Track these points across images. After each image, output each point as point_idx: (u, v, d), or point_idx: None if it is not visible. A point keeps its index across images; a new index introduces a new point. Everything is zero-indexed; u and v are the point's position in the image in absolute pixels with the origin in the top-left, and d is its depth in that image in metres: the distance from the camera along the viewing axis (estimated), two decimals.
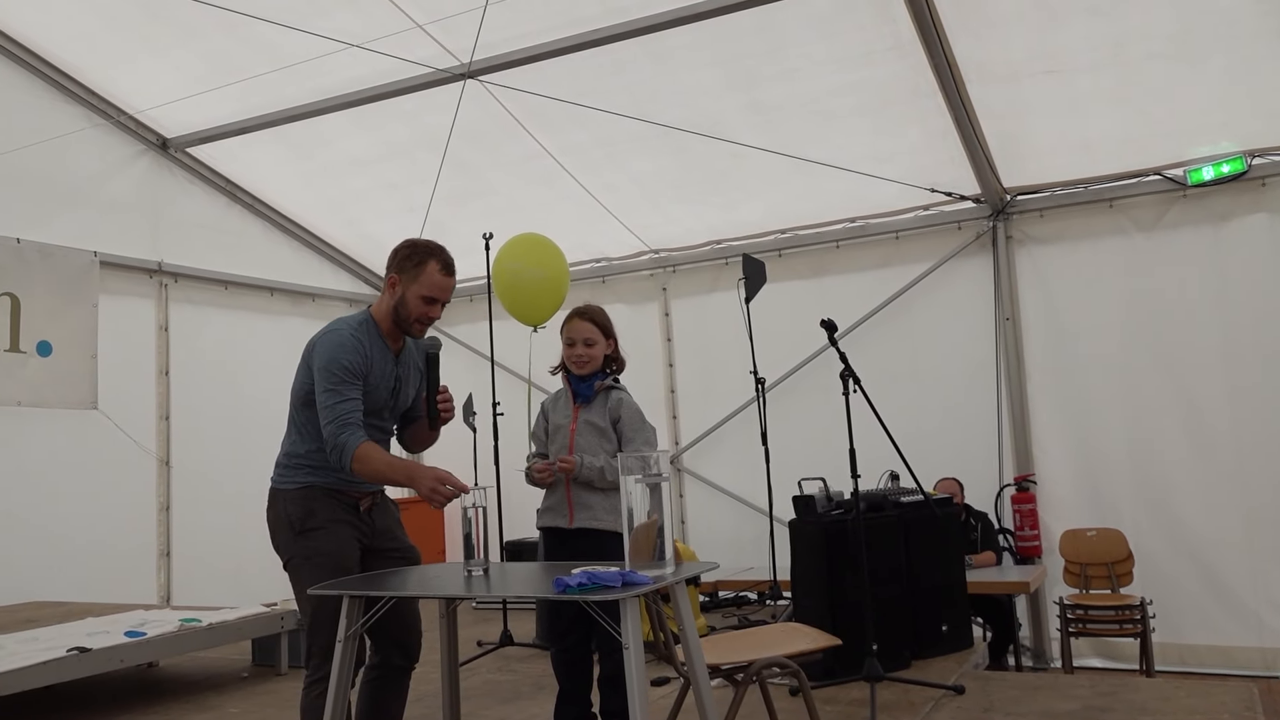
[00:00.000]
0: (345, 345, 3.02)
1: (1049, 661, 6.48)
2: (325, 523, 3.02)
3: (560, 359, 3.87)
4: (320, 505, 3.03)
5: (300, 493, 3.04)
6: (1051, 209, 6.75)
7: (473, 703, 4.52)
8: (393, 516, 3.28)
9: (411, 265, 3.11)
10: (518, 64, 6.05)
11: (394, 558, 3.20)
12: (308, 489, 3.04)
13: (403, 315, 3.11)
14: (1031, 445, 6.73)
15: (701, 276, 8.00)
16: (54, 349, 6.36)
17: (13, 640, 4.62)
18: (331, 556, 2.99)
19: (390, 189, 7.57)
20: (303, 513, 3.03)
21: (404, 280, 3.10)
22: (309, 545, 3.01)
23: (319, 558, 2.98)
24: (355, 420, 2.96)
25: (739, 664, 2.92)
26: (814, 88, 6.06)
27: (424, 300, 3.10)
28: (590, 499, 3.63)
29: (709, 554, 6.91)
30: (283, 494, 3.09)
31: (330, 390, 2.97)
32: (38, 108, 6.51)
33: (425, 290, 3.10)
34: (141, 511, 6.92)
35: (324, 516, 3.02)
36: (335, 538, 3.03)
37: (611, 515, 3.57)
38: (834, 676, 4.35)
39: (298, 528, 3.03)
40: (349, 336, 3.05)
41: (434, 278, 3.11)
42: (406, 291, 3.10)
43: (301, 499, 3.04)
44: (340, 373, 2.98)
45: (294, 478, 3.07)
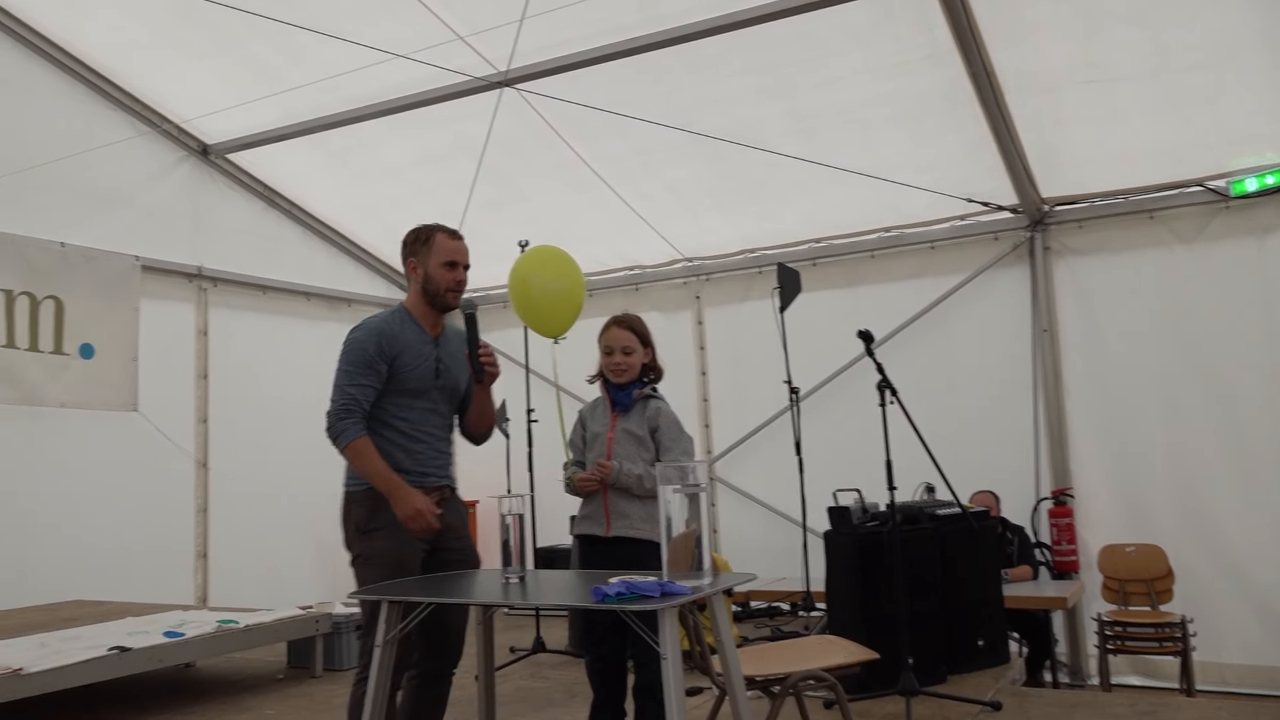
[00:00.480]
0: (368, 330, 3.17)
1: (1086, 679, 6.39)
2: (387, 523, 3.07)
3: (598, 367, 3.88)
4: (384, 504, 3.08)
5: (366, 493, 3.11)
6: (1091, 220, 6.68)
7: (506, 709, 4.52)
8: (460, 515, 3.34)
9: (421, 244, 3.29)
10: (554, 72, 6.08)
11: (455, 561, 3.23)
12: (373, 489, 3.10)
13: (432, 290, 3.26)
14: (1069, 459, 6.65)
15: (735, 285, 7.98)
16: (96, 352, 6.45)
17: (55, 638, 4.69)
18: (391, 557, 3.03)
19: (426, 196, 7.62)
20: (367, 513, 3.10)
21: (420, 259, 3.28)
22: (370, 545, 3.08)
23: (379, 558, 3.04)
24: (359, 408, 3.08)
25: (775, 676, 2.91)
26: (851, 96, 6.04)
27: (445, 266, 3.25)
28: (627, 507, 3.62)
29: (741, 563, 6.89)
30: (350, 495, 3.16)
31: (344, 371, 3.12)
32: (83, 115, 6.62)
33: (442, 257, 3.26)
34: (179, 513, 7.00)
35: (386, 517, 3.07)
36: (396, 538, 3.07)
37: (648, 524, 3.57)
38: (868, 690, 4.32)
39: (362, 528, 3.10)
40: (374, 323, 3.20)
41: (445, 244, 3.28)
42: (427, 267, 3.26)
43: (366, 499, 3.10)
44: (357, 355, 3.12)
45: (360, 479, 3.14)
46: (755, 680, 2.92)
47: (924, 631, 4.54)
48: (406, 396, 3.18)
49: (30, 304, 6.12)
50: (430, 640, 3.13)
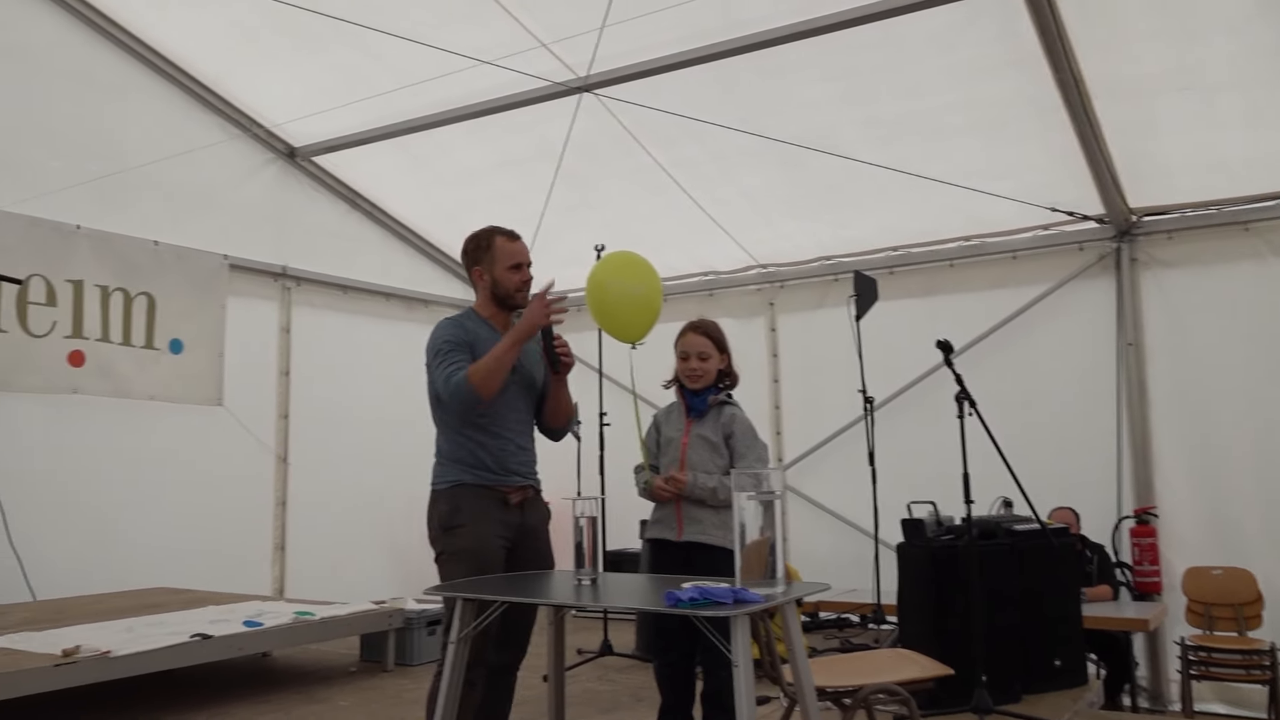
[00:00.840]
0: (444, 325, 3.29)
1: (1167, 704, 6.19)
2: (469, 520, 3.13)
3: (673, 372, 3.88)
4: (467, 503, 3.14)
5: (449, 491, 3.18)
6: (1181, 231, 6.48)
7: (573, 710, 4.54)
8: (542, 515, 3.37)
9: (484, 250, 3.37)
10: (633, 78, 6.11)
11: (532, 563, 3.26)
12: (457, 486, 3.17)
13: (500, 294, 3.35)
14: (1153, 477, 6.46)
15: (810, 292, 7.92)
16: (185, 347, 6.65)
17: (141, 623, 4.85)
18: (471, 554, 3.09)
19: (504, 199, 7.70)
20: (449, 510, 3.16)
21: (485, 265, 3.36)
22: (452, 542, 3.14)
23: (461, 554, 3.10)
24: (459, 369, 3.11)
25: (847, 688, 2.88)
26: (931, 103, 5.96)
27: (511, 270, 3.34)
28: (700, 514, 3.62)
29: (811, 573, 6.82)
30: (435, 493, 3.24)
31: (436, 363, 3.19)
32: (178, 118, 6.84)
33: (506, 261, 3.35)
34: (259, 506, 7.19)
35: (469, 514, 3.13)
36: (477, 536, 3.12)
37: (720, 531, 3.56)
38: (940, 707, 4.24)
39: (444, 524, 3.16)
40: (448, 320, 3.32)
41: (506, 248, 3.37)
42: (493, 273, 3.35)
43: (450, 497, 3.17)
44: (441, 345, 3.21)
45: (445, 476, 3.22)
46: (826, 691, 2.89)
47: (999, 649, 4.44)
48: None
49: (124, 300, 6.34)
50: (499, 636, 3.15)
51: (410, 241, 8.56)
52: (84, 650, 4.16)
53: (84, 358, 6.10)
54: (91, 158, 6.28)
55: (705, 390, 3.74)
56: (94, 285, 6.18)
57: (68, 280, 6.06)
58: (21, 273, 5.72)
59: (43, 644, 4.30)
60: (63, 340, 6.00)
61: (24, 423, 5.89)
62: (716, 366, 3.76)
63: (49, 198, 5.98)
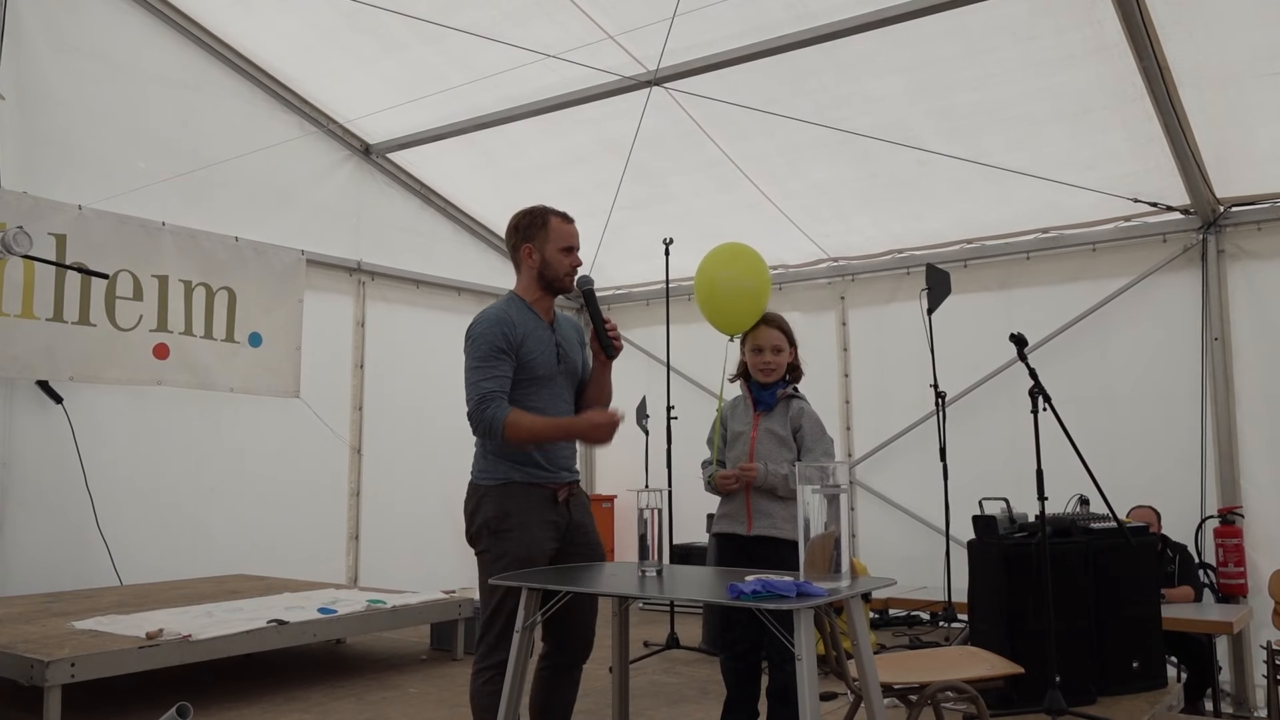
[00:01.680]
0: (490, 321, 3.12)
1: (1252, 710, 5.99)
2: (519, 525, 3.06)
3: (739, 366, 3.87)
4: (516, 504, 3.07)
5: (499, 490, 3.09)
6: (1271, 222, 6.25)
7: (638, 702, 4.57)
8: (585, 508, 3.30)
9: (538, 228, 3.24)
10: (702, 71, 6.09)
11: (583, 559, 3.22)
12: (506, 485, 3.09)
13: (549, 276, 3.22)
14: (1239, 476, 6.25)
15: (881, 286, 7.82)
16: (264, 340, 6.83)
17: (221, 609, 4.99)
18: (518, 559, 3.02)
19: (573, 194, 7.74)
20: (499, 512, 3.07)
21: (537, 244, 3.23)
22: (500, 546, 3.06)
23: (507, 558, 3.02)
24: (499, 394, 3.03)
25: (914, 685, 2.84)
26: (1007, 93, 5.83)
27: (563, 251, 3.23)
28: (770, 507, 3.59)
29: (880, 570, 6.75)
30: (481, 490, 3.15)
31: (475, 368, 3.07)
32: (258, 116, 7.02)
33: (559, 242, 3.23)
34: (334, 496, 7.35)
35: (519, 518, 3.06)
36: (527, 542, 3.06)
37: (790, 524, 3.53)
38: (1011, 707, 4.17)
39: (493, 527, 3.08)
40: (494, 313, 3.14)
41: (561, 228, 3.25)
42: (545, 252, 3.22)
43: (500, 497, 3.09)
44: (485, 348, 3.07)
45: (492, 472, 3.12)
46: (892, 688, 2.85)
47: (1073, 649, 4.35)
48: (536, 385, 3.14)
49: (206, 294, 6.53)
50: (563, 633, 3.14)
51: (482, 236, 8.66)
52: (167, 633, 4.30)
53: (168, 350, 6.29)
54: (176, 156, 6.48)
55: (775, 384, 3.72)
56: (178, 280, 6.38)
57: (153, 275, 6.26)
58: (110, 268, 5.92)
59: (129, 627, 4.45)
60: (148, 334, 6.21)
61: (111, 414, 6.11)
62: (787, 360, 3.74)
63: (136, 196, 6.18)
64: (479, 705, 3.04)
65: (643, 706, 4.50)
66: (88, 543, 5.89)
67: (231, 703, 4.56)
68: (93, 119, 6.13)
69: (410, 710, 4.48)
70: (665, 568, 3.02)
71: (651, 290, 8.76)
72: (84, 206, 5.91)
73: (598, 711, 4.37)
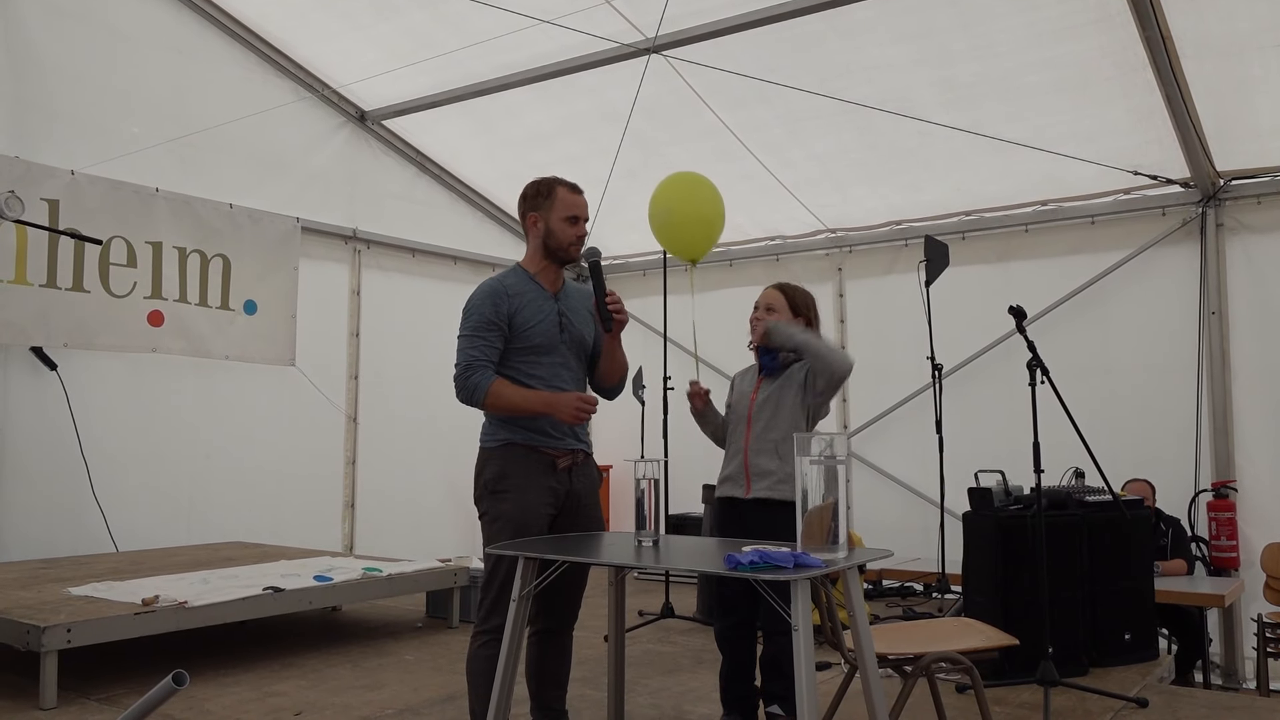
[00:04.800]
0: (483, 292, 3.16)
1: (1241, 681, 6.05)
2: (515, 488, 3.08)
3: None
4: (514, 466, 3.09)
5: (500, 451, 3.13)
6: (1271, 195, 6.22)
7: (633, 671, 4.59)
8: (593, 482, 3.30)
9: (543, 198, 3.25)
10: (702, 39, 6.03)
11: (579, 527, 3.22)
12: (507, 446, 3.12)
13: (554, 245, 3.23)
14: (1233, 450, 6.26)
15: (879, 258, 7.80)
16: (259, 308, 6.80)
17: (217, 576, 5.00)
18: (512, 521, 3.04)
19: (570, 162, 7.68)
20: (497, 473, 3.12)
21: (542, 213, 3.25)
22: (496, 506, 3.10)
23: (503, 519, 3.06)
24: (485, 363, 3.07)
25: (909, 655, 2.85)
26: (1009, 64, 5.78)
27: (567, 221, 3.23)
28: (768, 465, 3.58)
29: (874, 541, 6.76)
30: (486, 452, 3.19)
31: (464, 336, 3.12)
32: (251, 82, 6.95)
33: (564, 212, 3.23)
34: (330, 464, 7.35)
35: (516, 480, 3.09)
36: (521, 504, 3.08)
37: (788, 485, 3.53)
38: (1004, 677, 4.19)
39: (491, 487, 3.12)
40: (489, 284, 3.19)
41: (567, 198, 3.25)
42: (550, 222, 3.23)
43: (501, 459, 3.12)
44: (475, 320, 3.12)
45: (495, 434, 3.16)
46: (888, 658, 2.86)
47: (1066, 621, 4.38)
48: (535, 354, 3.15)
49: (201, 261, 6.49)
50: (550, 601, 3.14)
51: (478, 205, 8.61)
52: (162, 600, 4.30)
53: (163, 318, 6.26)
54: (169, 122, 6.42)
55: (776, 349, 3.72)
56: (172, 247, 6.34)
57: (147, 242, 6.21)
58: (103, 234, 5.88)
59: (124, 593, 4.46)
60: (143, 300, 6.17)
61: (106, 381, 6.09)
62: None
63: (129, 162, 6.13)
64: (473, 670, 3.08)
65: (638, 676, 4.53)
66: (83, 510, 5.89)
67: (227, 669, 4.58)
68: (85, 84, 6.07)
69: (406, 677, 4.50)
70: (661, 538, 3.02)
71: (649, 260, 8.72)
72: (77, 172, 5.86)
73: (593, 680, 4.40)
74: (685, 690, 4.30)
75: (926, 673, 2.90)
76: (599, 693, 4.15)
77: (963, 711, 3.82)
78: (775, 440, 3.60)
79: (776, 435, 3.60)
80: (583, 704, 4.06)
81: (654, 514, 2.98)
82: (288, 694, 4.21)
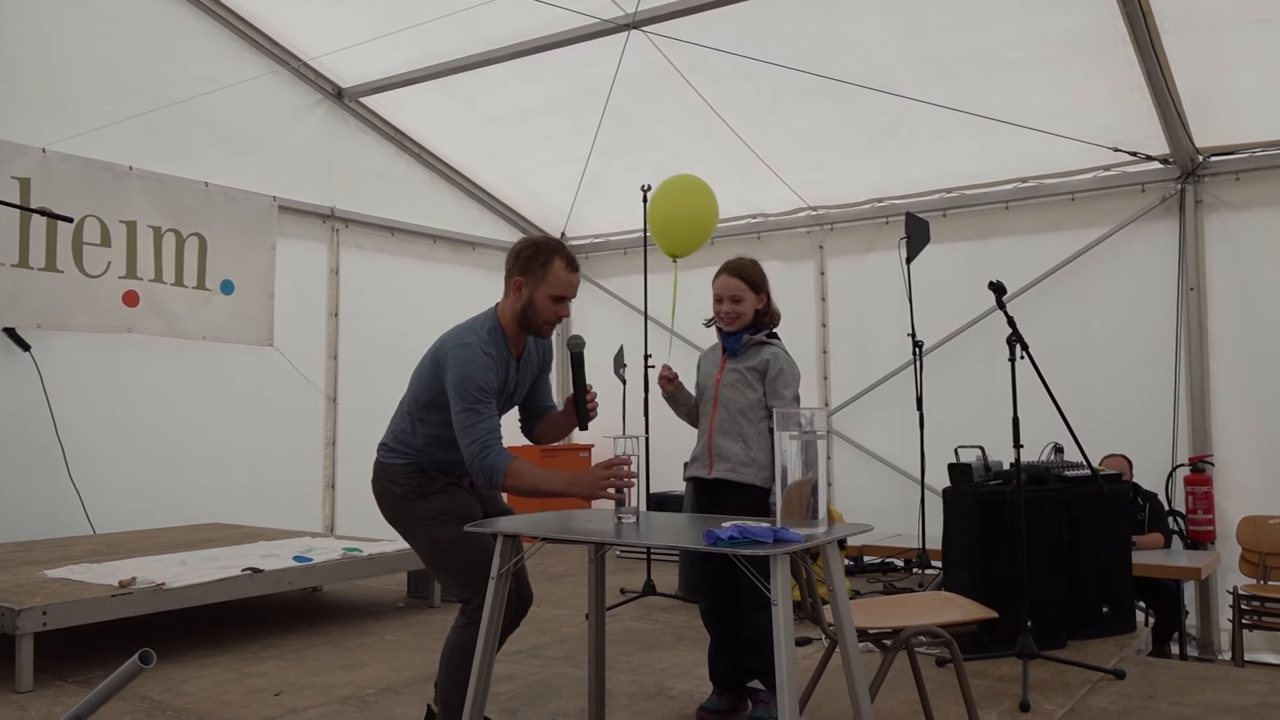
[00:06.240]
0: (480, 364, 2.95)
1: (1217, 653, 6.12)
2: (442, 487, 3.07)
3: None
4: (430, 475, 3.08)
5: (409, 466, 3.08)
6: (1250, 172, 6.24)
7: (615, 648, 4.59)
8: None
9: (537, 266, 3.04)
10: (683, 14, 5.98)
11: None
12: (415, 463, 3.08)
13: (531, 318, 3.07)
14: (1211, 424, 6.31)
15: (860, 235, 7.79)
16: (236, 288, 6.73)
17: (195, 558, 4.97)
18: (459, 513, 3.01)
19: (550, 140, 7.65)
20: (417, 483, 3.07)
21: (529, 282, 3.04)
22: (433, 506, 3.05)
23: (448, 514, 3.02)
24: (496, 439, 2.92)
25: (888, 629, 2.86)
26: (990, 39, 5.76)
27: (553, 300, 3.05)
28: (729, 449, 3.58)
29: (856, 518, 6.79)
30: (391, 468, 3.12)
31: (468, 410, 2.91)
32: (225, 58, 6.84)
33: (554, 290, 3.04)
34: (310, 445, 7.30)
35: (440, 483, 3.08)
36: (456, 498, 3.07)
37: (749, 469, 3.53)
38: (984, 651, 4.23)
39: (415, 496, 3.06)
40: (482, 354, 2.97)
41: (561, 276, 3.05)
42: (534, 294, 3.04)
43: (414, 471, 3.08)
44: (477, 392, 2.92)
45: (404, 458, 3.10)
46: (867, 633, 2.87)
47: (1045, 594, 4.40)
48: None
49: (176, 241, 6.42)
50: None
51: (458, 184, 8.54)
52: (140, 582, 4.27)
53: (138, 298, 6.19)
54: (141, 98, 6.31)
55: (741, 331, 3.69)
56: (147, 226, 6.26)
57: (121, 221, 6.13)
58: (76, 213, 5.80)
59: (101, 575, 4.43)
60: (117, 280, 6.10)
61: (81, 361, 6.02)
62: (753, 307, 3.68)
63: (102, 139, 6.03)
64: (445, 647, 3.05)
65: (620, 653, 4.53)
66: (59, 492, 5.83)
67: (206, 650, 4.56)
68: (55, 59, 5.96)
69: (387, 656, 4.49)
70: (642, 515, 3.01)
71: (629, 239, 8.69)
72: (48, 149, 5.77)
73: (574, 658, 4.40)
74: (666, 666, 4.31)
75: (906, 646, 2.91)
76: (580, 670, 4.15)
77: (942, 685, 3.85)
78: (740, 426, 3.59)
79: (742, 421, 3.59)
80: (563, 681, 4.06)
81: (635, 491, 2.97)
82: (267, 675, 4.19)
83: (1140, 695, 3.82)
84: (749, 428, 3.58)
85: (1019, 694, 3.72)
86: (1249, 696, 3.79)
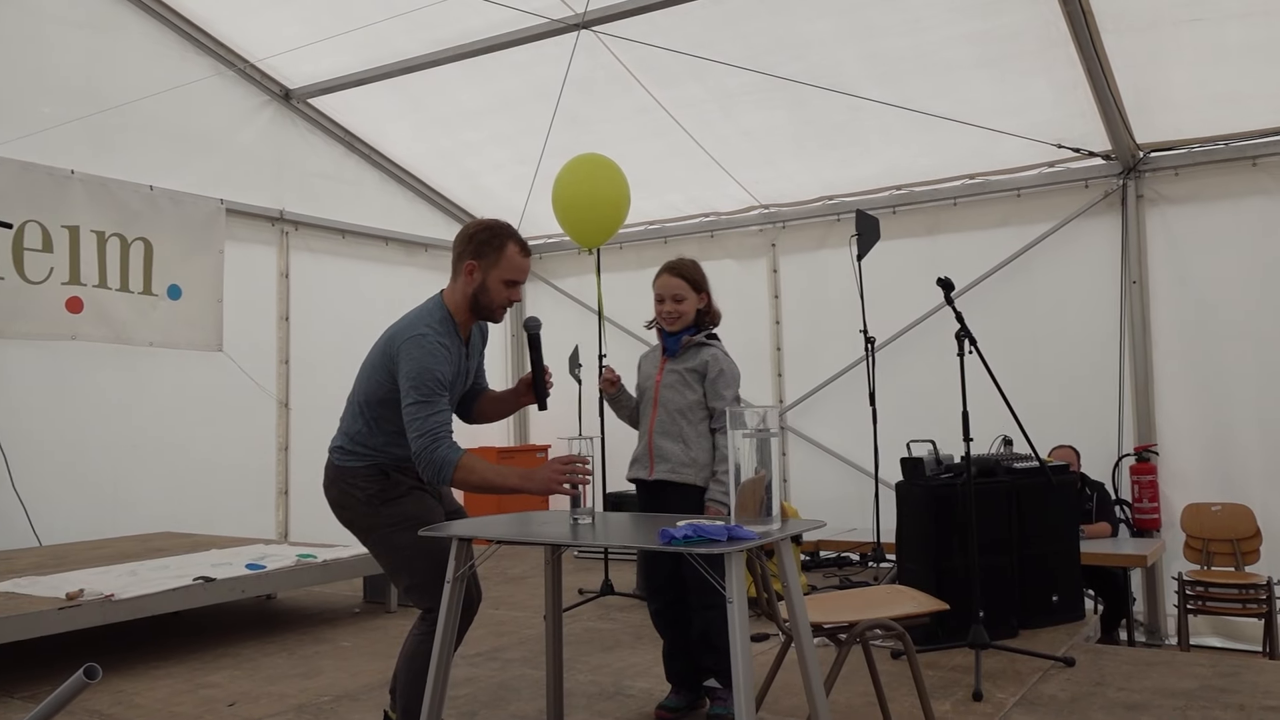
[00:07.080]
0: (435, 355, 2.91)
1: (1164, 638, 6.26)
2: (406, 490, 3.02)
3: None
4: (394, 479, 3.03)
5: (370, 469, 3.02)
6: (1188, 167, 6.40)
7: (574, 648, 4.59)
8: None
9: (491, 250, 3.02)
10: (632, 14, 5.99)
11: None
12: (377, 465, 3.02)
13: (484, 303, 3.04)
14: (1155, 415, 6.46)
15: (812, 233, 7.86)
16: (183, 293, 6.63)
17: (145, 567, 4.89)
18: (420, 520, 2.96)
19: (502, 141, 7.62)
20: (379, 486, 3.01)
21: (483, 265, 3.02)
22: (397, 511, 2.99)
23: (409, 521, 2.96)
24: (447, 432, 2.88)
25: (843, 624, 2.89)
26: (936, 38, 5.84)
27: (506, 284, 3.04)
28: (669, 450, 3.58)
29: (811, 513, 6.87)
30: (350, 470, 3.05)
31: (420, 402, 2.86)
32: (168, 59, 6.74)
33: (507, 274, 3.03)
34: (262, 451, 7.21)
35: (405, 486, 3.03)
36: (421, 504, 3.02)
37: (689, 469, 3.54)
38: (937, 642, 4.29)
39: (379, 501, 3.00)
40: (436, 344, 2.93)
41: (515, 260, 3.04)
42: (487, 278, 3.02)
43: (374, 473, 3.02)
44: (433, 384, 2.88)
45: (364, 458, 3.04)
46: (822, 628, 2.90)
47: (996, 585, 4.48)
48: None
49: (121, 245, 6.31)
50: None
51: (409, 185, 8.48)
52: (88, 594, 4.19)
53: (82, 304, 6.08)
54: (82, 101, 6.20)
55: (682, 331, 3.69)
56: (90, 231, 6.14)
57: (63, 226, 6.01)
58: (16, 218, 5.68)
59: (48, 588, 4.34)
60: (60, 287, 5.98)
61: (24, 369, 5.90)
62: (694, 307, 3.68)
63: (42, 143, 5.92)
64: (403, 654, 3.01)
65: (579, 653, 4.53)
66: (2, 503, 5.70)
67: (158, 661, 4.49)
68: None
69: (343, 663, 4.45)
70: (598, 515, 3.01)
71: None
72: None
73: (533, 659, 4.39)
74: (625, 665, 4.32)
75: (860, 640, 2.95)
76: (539, 671, 4.14)
77: (897, 677, 3.90)
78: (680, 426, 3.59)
79: (681, 421, 3.59)
80: (522, 683, 4.05)
81: (591, 491, 2.97)
82: (221, 685, 4.13)
83: (1089, 681, 3.90)
84: (689, 428, 3.59)
85: (972, 684, 3.78)
86: (1193, 680, 3.88)
